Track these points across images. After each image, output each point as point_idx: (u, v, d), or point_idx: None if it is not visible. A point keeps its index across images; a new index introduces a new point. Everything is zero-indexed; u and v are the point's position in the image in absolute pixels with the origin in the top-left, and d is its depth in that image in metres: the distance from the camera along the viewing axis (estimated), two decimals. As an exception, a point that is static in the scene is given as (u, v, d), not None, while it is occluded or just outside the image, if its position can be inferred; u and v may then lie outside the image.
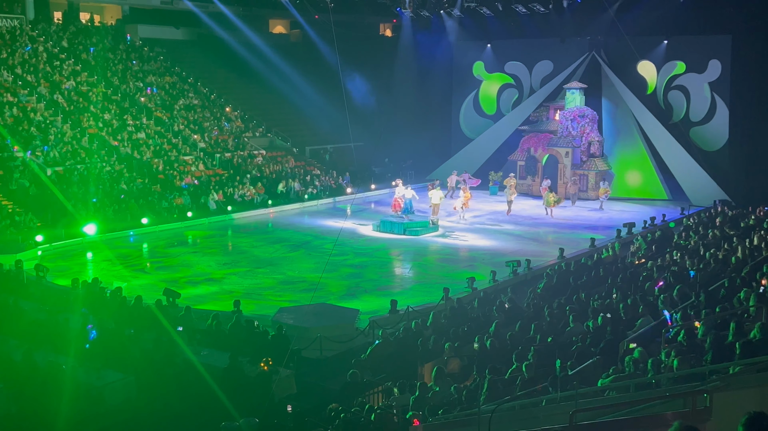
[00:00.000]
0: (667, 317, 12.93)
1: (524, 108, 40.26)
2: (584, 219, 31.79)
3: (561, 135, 37.23)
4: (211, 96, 43.20)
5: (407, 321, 16.17)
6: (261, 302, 19.51)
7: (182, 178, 33.22)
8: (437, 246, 26.69)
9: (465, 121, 43.92)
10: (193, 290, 20.48)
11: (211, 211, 31.57)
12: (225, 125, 40.51)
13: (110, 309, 16.19)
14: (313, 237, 27.91)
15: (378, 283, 21.68)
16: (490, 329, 13.69)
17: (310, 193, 35.98)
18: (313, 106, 42.94)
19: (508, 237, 27.86)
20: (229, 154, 37.63)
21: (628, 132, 37.67)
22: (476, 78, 43.04)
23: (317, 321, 16.89)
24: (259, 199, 33.83)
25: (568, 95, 37.56)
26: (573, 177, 35.59)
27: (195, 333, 15.04)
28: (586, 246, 25.26)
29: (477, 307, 16.30)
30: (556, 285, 17.96)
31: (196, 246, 27.04)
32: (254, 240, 27.52)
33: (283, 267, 23.28)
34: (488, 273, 21.16)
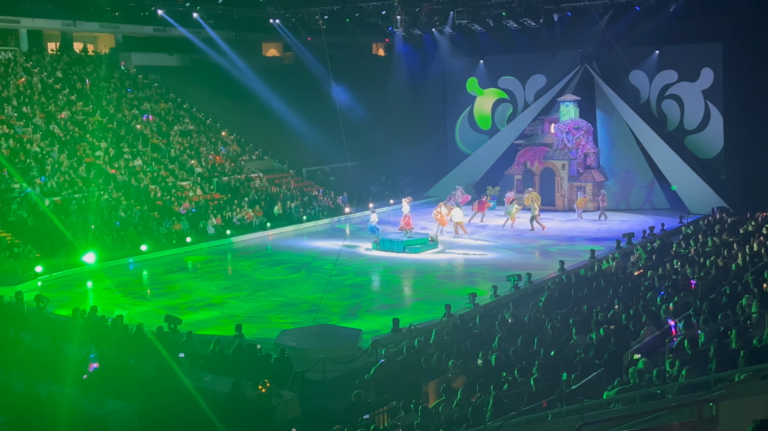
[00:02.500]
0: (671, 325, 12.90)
1: (519, 122, 40.38)
2: (583, 230, 31.80)
3: (557, 148, 37.33)
4: (207, 121, 43.33)
5: (410, 340, 16.07)
6: (263, 325, 19.46)
7: (180, 204, 33.23)
8: (437, 263, 26.67)
9: (461, 136, 44.05)
10: (195, 316, 20.42)
11: (209, 235, 31.55)
12: (221, 149, 40.59)
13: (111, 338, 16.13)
14: (313, 258, 27.89)
15: (379, 302, 21.65)
16: (493, 344, 13.64)
17: (309, 214, 35.99)
18: (309, 126, 43.05)
19: (508, 252, 27.85)
20: (226, 177, 37.67)
21: (624, 142, 37.78)
22: (470, 94, 43.23)
23: (319, 343, 16.83)
24: (257, 221, 33.83)
25: (562, 108, 37.72)
26: (602, 190, 35.39)
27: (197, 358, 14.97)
28: (586, 257, 25.24)
29: (479, 323, 16.24)
30: (558, 298, 17.92)
31: (196, 272, 26.99)
32: (254, 263, 27.49)
33: (284, 290, 23.24)
34: (489, 289, 21.12)
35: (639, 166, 37.33)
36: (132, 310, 20.93)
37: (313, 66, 44.73)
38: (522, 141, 39.31)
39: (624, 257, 23.87)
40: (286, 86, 45.58)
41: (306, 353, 16.16)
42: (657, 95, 37.84)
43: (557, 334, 14.18)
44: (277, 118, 43.92)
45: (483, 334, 15.16)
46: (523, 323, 15.98)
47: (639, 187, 37.32)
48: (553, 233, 31.27)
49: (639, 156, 37.28)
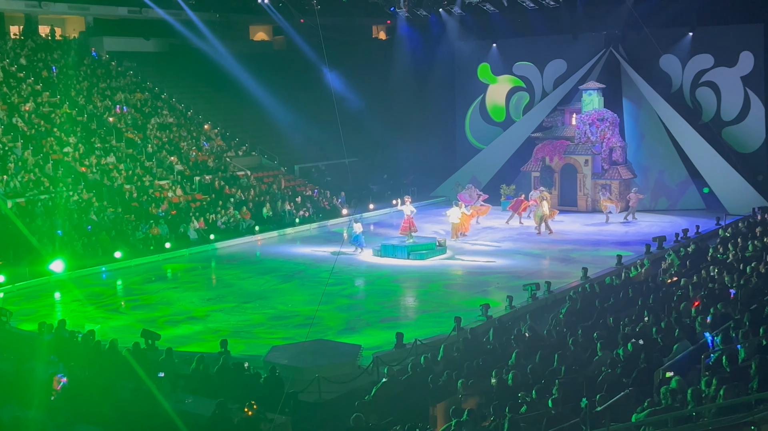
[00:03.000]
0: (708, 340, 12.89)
1: (536, 113, 40.39)
2: (609, 234, 31.80)
3: (579, 141, 37.34)
4: (188, 113, 43.37)
5: (415, 356, 16.10)
6: (251, 341, 19.44)
7: (158, 205, 33.25)
8: (446, 270, 26.65)
9: (472, 129, 44.09)
10: (175, 330, 20.41)
11: (191, 240, 31.58)
12: (204, 144, 40.62)
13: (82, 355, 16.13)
14: (307, 265, 27.88)
15: (381, 314, 21.62)
16: (509, 361, 13.64)
17: (302, 217, 36.01)
18: (302, 119, 43.11)
19: (524, 258, 27.83)
20: (209, 176, 37.72)
21: (654, 135, 37.78)
22: (482, 82, 43.26)
23: (314, 360, 16.82)
24: (245, 225, 33.87)
25: (584, 97, 37.74)
26: (633, 188, 35.33)
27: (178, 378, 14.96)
28: (612, 264, 25.24)
29: (493, 338, 16.24)
30: (581, 310, 17.92)
31: (176, 281, 26.95)
32: (241, 271, 27.48)
33: (275, 301, 23.24)
34: (504, 299, 21.11)
35: (671, 162, 37.32)
36: (105, 325, 20.91)
37: (306, 51, 44.79)
38: (540, 134, 39.32)
39: (654, 263, 23.87)
40: (277, 74, 45.64)
41: (299, 372, 16.12)
42: (690, 82, 37.85)
43: (580, 350, 14.17)
44: (267, 109, 43.96)
45: (497, 350, 15.16)
46: (541, 337, 15.97)
47: (671, 185, 37.31)
48: (575, 237, 31.26)
49: (671, 150, 37.27)
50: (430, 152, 43.19)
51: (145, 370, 14.55)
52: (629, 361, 12.63)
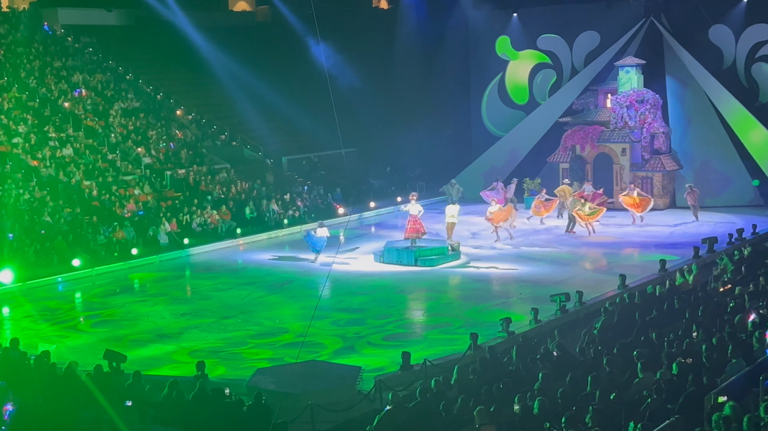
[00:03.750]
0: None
1: (565, 94, 40.37)
2: (650, 235, 31.77)
3: (615, 127, 37.32)
4: (157, 96, 43.38)
5: (425, 380, 16.09)
6: (232, 362, 19.41)
7: (123, 205, 33.28)
8: (459, 279, 26.62)
9: (489, 114, 44.06)
10: (143, 351, 20.38)
11: (162, 245, 31.58)
12: (176, 133, 40.63)
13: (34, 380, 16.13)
14: (297, 274, 27.85)
15: (384, 331, 21.59)
16: (534, 385, 13.63)
17: (291, 217, 36.02)
18: (290, 103, 43.08)
19: (551, 264, 27.79)
20: (183, 170, 37.74)
21: (703, 119, 37.73)
22: (501, 58, 43.22)
23: (307, 385, 16.80)
24: (224, 227, 33.86)
25: (621, 75, 37.70)
26: (688, 184, 35.01)
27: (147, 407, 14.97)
28: (655, 270, 25.18)
29: (515, 357, 16.24)
30: (618, 324, 17.90)
31: (144, 293, 26.94)
32: (220, 281, 27.46)
33: (260, 316, 23.22)
34: (528, 312, 21.09)
35: (722, 150, 37.28)
36: (61, 344, 20.87)
37: (294, 24, 44.80)
38: (569, 119, 39.29)
39: (704, 269, 23.81)
40: (261, 50, 45.60)
41: (289, 399, 16.10)
42: (745, 57, 37.82)
43: (617, 371, 14.16)
44: (249, 92, 43.94)
45: (520, 372, 15.16)
46: (572, 357, 15.96)
47: (722, 177, 37.26)
48: (611, 238, 31.25)
49: (722, 136, 37.24)
50: (441, 141, 43.14)
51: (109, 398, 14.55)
52: (675, 384, 12.61)
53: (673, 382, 12.74)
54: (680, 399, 11.90)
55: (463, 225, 32.74)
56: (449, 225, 30.60)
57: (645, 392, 12.57)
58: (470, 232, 32.71)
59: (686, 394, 11.99)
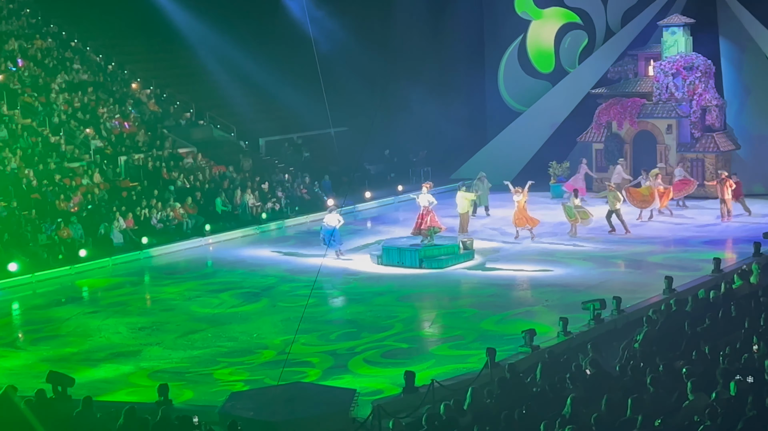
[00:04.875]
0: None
1: (598, 60, 40.39)
2: (701, 229, 31.82)
3: (659, 99, 37.29)
4: (109, 67, 43.29)
5: (432, 404, 16.09)
6: (201, 386, 19.41)
7: (69, 198, 33.24)
8: (473, 283, 26.62)
9: (507, 84, 43.98)
10: (94, 372, 20.36)
11: (116, 246, 31.56)
12: (132, 111, 40.57)
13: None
14: (278, 279, 27.86)
15: (383, 346, 21.59)
16: (563, 410, 13.63)
17: (270, 210, 35.97)
18: (268, 74, 42.98)
19: (583, 265, 27.82)
20: (140, 155, 37.70)
21: (765, 89, 37.71)
22: (521, 17, 43.14)
23: (291, 412, 16.79)
24: (190, 223, 33.84)
25: (666, 37, 37.66)
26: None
27: (100, 439, 14.99)
28: (707, 271, 25.19)
29: (540, 377, 16.25)
30: (664, 336, 17.88)
31: (95, 304, 26.88)
32: (186, 288, 27.49)
33: (234, 329, 23.20)
34: (556, 323, 21.08)
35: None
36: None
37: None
38: (603, 90, 39.25)
39: (766, 270, 23.82)
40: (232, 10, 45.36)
41: (270, 428, 16.13)
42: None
43: (664, 392, 14.15)
44: (219, 60, 43.88)
45: (547, 394, 15.15)
46: (609, 376, 15.96)
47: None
48: (654, 233, 31.27)
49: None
50: (450, 118, 43.06)
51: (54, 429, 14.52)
52: (733, 407, 12.60)
53: (731, 405, 12.73)
54: (739, 425, 11.89)
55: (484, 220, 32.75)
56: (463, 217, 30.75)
57: (696, 417, 12.56)
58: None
59: (746, 419, 11.98)
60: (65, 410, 16.26)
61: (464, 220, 31.26)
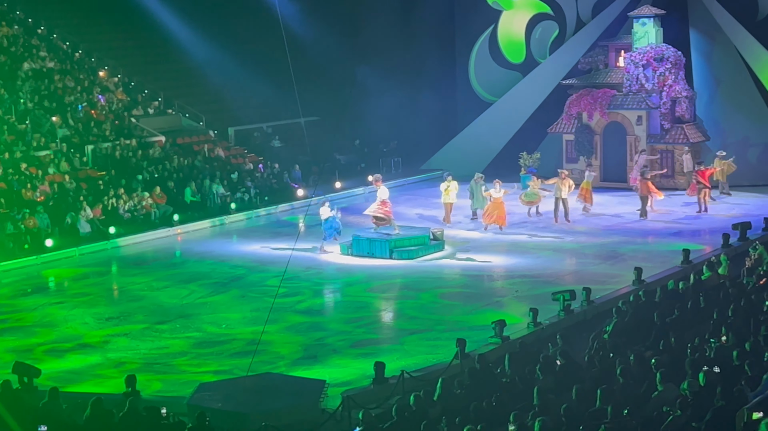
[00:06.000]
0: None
1: (569, 51, 40.47)
2: (672, 220, 31.96)
3: (629, 90, 37.42)
4: (76, 54, 43.02)
5: (402, 395, 16.14)
6: (169, 376, 19.43)
7: (35, 187, 33.06)
8: (444, 274, 26.68)
9: (478, 75, 43.99)
10: (61, 363, 20.32)
11: (83, 235, 31.41)
12: (99, 99, 40.35)
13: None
14: (247, 269, 27.86)
15: (352, 337, 21.65)
16: (533, 400, 13.68)
17: (240, 200, 35.90)
18: (237, 62, 42.83)
19: (553, 255, 27.94)
20: (108, 144, 37.51)
21: (734, 81, 37.91)
22: (492, 8, 43.14)
23: (260, 403, 16.83)
24: (158, 213, 33.72)
25: (636, 28, 37.77)
26: (688, 151, 34.96)
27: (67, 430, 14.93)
28: (676, 262, 25.34)
29: (510, 367, 16.30)
30: (633, 327, 17.98)
31: (61, 294, 26.83)
32: (154, 278, 27.42)
33: (202, 320, 23.19)
34: (525, 313, 21.17)
35: (757, 118, 37.52)
36: (-39, 356, 20.75)
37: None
38: (574, 81, 39.35)
39: (736, 261, 23.98)
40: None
41: (239, 419, 16.11)
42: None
43: (633, 383, 14.23)
44: (187, 49, 43.70)
45: (517, 385, 15.22)
46: (579, 366, 16.03)
47: (758, 151, 37.49)
48: (624, 225, 31.42)
49: (758, 101, 37.47)
50: (420, 108, 43.04)
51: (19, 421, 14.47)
52: (701, 398, 12.68)
53: (699, 396, 12.81)
54: (707, 415, 11.96)
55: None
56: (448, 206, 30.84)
57: (666, 407, 12.62)
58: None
59: (714, 410, 12.05)
60: (31, 401, 16.18)
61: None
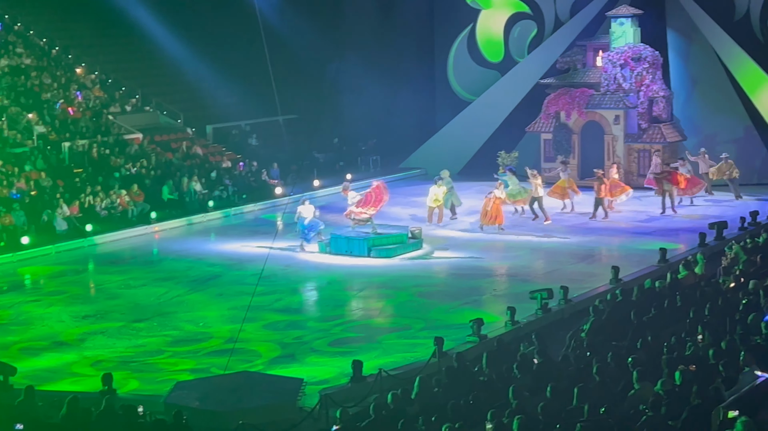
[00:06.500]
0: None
1: (547, 50, 40.51)
2: (649, 219, 32.09)
3: (606, 90, 37.51)
4: (53, 51, 42.84)
5: (380, 394, 16.13)
6: (146, 375, 19.39)
7: (12, 184, 32.93)
8: (422, 272, 26.68)
9: (456, 73, 43.99)
10: (36, 361, 20.26)
11: (59, 233, 31.31)
12: (77, 96, 40.20)
13: None
14: (225, 267, 27.83)
15: (330, 336, 21.66)
16: (509, 398, 13.72)
17: (218, 199, 35.84)
18: (215, 60, 42.71)
19: (531, 254, 28.01)
20: (84, 141, 37.38)
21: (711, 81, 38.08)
22: (471, 6, 43.17)
23: (238, 401, 16.81)
24: (136, 211, 33.63)
25: (614, 28, 37.86)
26: (704, 154, 34.76)
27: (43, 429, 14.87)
28: (653, 261, 25.45)
29: (488, 366, 16.35)
30: (610, 326, 18.04)
31: (37, 292, 26.73)
32: (130, 276, 27.36)
33: (179, 318, 23.16)
34: (503, 312, 21.22)
35: (734, 118, 37.67)
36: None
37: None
38: (552, 80, 39.43)
39: (712, 260, 24.10)
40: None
41: (216, 418, 16.10)
42: (761, 7, 38.07)
43: (610, 382, 14.29)
44: (165, 46, 43.54)
45: (494, 383, 15.26)
46: (556, 365, 16.09)
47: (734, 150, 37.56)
48: (602, 224, 31.49)
49: (735, 102, 37.61)
50: (399, 107, 43.00)
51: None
52: (677, 396, 12.75)
53: (675, 394, 12.87)
54: (683, 414, 12.02)
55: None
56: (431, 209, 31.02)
57: (642, 406, 12.68)
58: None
59: (690, 408, 12.11)
60: (7, 399, 16.16)
61: (439, 212, 31.27)
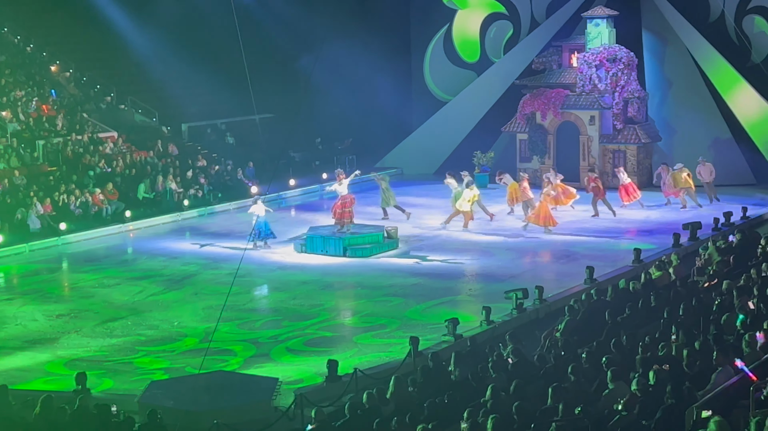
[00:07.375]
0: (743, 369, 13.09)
1: (523, 51, 40.61)
2: (624, 220, 32.19)
3: (582, 90, 37.63)
4: (27, 48, 42.67)
5: (355, 393, 16.17)
6: (120, 374, 19.33)
7: (-16, 182, 32.80)
8: (397, 272, 26.67)
9: (433, 73, 44.04)
10: (10, 360, 20.20)
11: (32, 231, 31.18)
12: (51, 94, 40.00)
13: None
14: (200, 266, 27.81)
15: (305, 335, 21.64)
16: (484, 398, 13.73)
17: (193, 197, 35.75)
18: (192, 60, 42.60)
19: (506, 254, 28.04)
20: (59, 139, 37.24)
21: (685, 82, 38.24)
22: (447, 6, 43.21)
23: (212, 401, 16.79)
24: (110, 209, 33.51)
25: (589, 28, 37.99)
26: (704, 161, 34.61)
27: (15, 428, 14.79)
28: (628, 261, 25.58)
29: (457, 366, 16.33)
30: (585, 326, 18.11)
31: (10, 291, 26.66)
32: (104, 275, 27.26)
33: (154, 317, 23.11)
34: (478, 312, 21.24)
35: (708, 119, 37.85)
36: None
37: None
38: (528, 81, 39.51)
39: (686, 260, 24.21)
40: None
41: (191, 417, 16.06)
42: (736, 8, 38.25)
43: (584, 381, 14.34)
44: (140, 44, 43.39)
45: (469, 383, 15.27)
46: (531, 364, 16.12)
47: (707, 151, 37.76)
48: (576, 224, 31.55)
49: (709, 103, 37.80)
50: (375, 106, 43.01)
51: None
52: (651, 396, 12.79)
53: (649, 394, 12.92)
54: (657, 413, 12.05)
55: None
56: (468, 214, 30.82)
57: (616, 405, 12.72)
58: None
59: (664, 408, 12.15)
60: (-20, 399, 16.04)
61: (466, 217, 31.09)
